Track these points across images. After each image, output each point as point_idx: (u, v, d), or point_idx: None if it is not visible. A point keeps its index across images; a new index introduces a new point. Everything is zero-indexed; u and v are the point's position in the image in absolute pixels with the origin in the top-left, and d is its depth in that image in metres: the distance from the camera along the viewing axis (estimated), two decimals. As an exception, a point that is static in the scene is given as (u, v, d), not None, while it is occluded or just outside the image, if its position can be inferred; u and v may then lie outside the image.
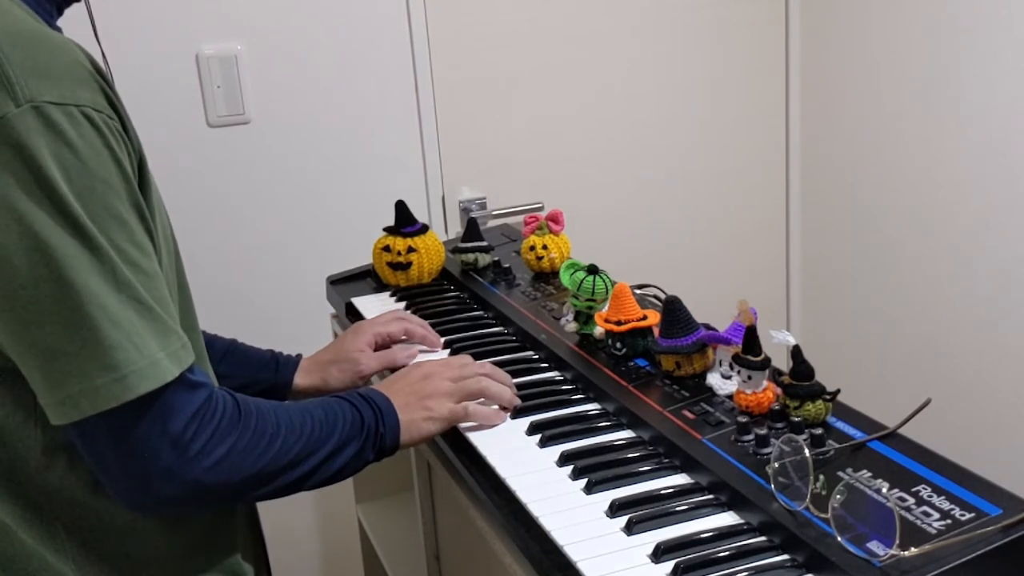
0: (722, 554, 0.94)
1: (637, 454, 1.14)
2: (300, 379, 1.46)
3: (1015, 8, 1.96)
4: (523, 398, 1.30)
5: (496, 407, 1.27)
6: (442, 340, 1.51)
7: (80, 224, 0.87)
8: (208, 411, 0.98)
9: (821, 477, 0.96)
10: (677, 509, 1.02)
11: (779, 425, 1.10)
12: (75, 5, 1.05)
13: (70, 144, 0.87)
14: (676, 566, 0.92)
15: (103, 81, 0.93)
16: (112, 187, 0.90)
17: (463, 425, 1.26)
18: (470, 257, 1.75)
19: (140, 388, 0.90)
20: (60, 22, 1.03)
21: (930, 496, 0.95)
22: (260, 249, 2.13)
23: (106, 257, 0.89)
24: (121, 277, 0.90)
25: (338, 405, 1.15)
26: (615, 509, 1.03)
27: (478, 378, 1.27)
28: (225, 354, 1.42)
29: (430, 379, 1.25)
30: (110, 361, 0.89)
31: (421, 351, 1.49)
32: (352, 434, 1.13)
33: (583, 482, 1.09)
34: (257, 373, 1.43)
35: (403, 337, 1.50)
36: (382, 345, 1.50)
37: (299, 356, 1.49)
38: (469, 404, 1.24)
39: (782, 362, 1.19)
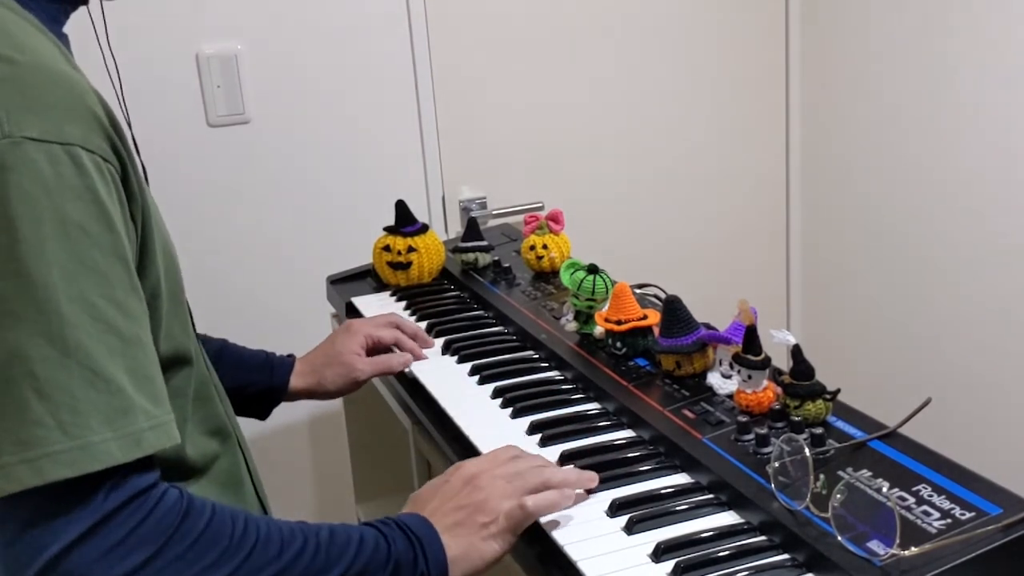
0: (722, 553, 0.94)
1: (637, 453, 1.14)
2: (295, 381, 1.44)
3: (1015, 7, 1.96)
4: (523, 397, 1.30)
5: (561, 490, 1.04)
6: (435, 343, 1.51)
7: (28, 274, 0.77)
8: (138, 506, 0.81)
9: (821, 476, 0.96)
10: (677, 508, 1.02)
11: (779, 424, 1.10)
12: (81, 10, 1.03)
13: (45, 184, 0.78)
14: (676, 565, 0.92)
15: (109, 123, 0.85)
16: (89, 234, 0.80)
17: (465, 427, 1.25)
18: (470, 257, 1.75)
19: (51, 475, 0.76)
20: (67, 28, 1.01)
21: (930, 495, 0.95)
22: (260, 249, 2.12)
23: (56, 316, 0.78)
24: (73, 340, 0.78)
25: (355, 529, 0.94)
26: (615, 508, 1.03)
27: (536, 469, 1.05)
28: (218, 356, 1.38)
29: (476, 482, 1.02)
30: (26, 437, 0.76)
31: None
32: (372, 567, 0.92)
33: (583, 482, 1.09)
34: (251, 376, 1.41)
35: (392, 345, 1.49)
36: (372, 349, 1.48)
37: (292, 357, 1.47)
38: (527, 500, 1.00)
39: (782, 362, 1.19)
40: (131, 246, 0.86)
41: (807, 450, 0.96)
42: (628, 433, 1.20)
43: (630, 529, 0.99)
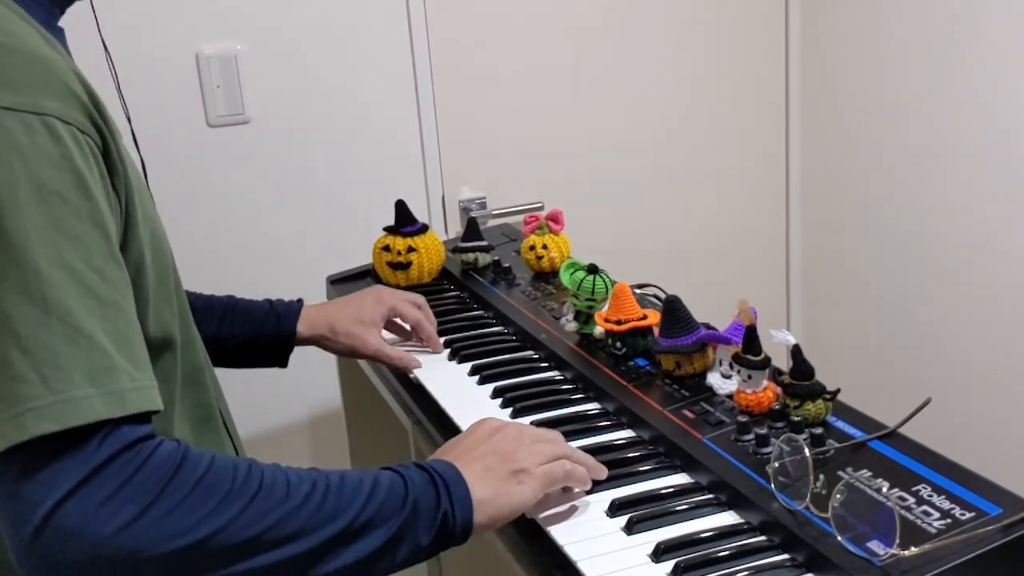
0: (722, 554, 0.94)
1: (637, 454, 1.14)
2: (305, 329, 1.44)
3: (1015, 6, 1.96)
4: (523, 397, 1.30)
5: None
6: (444, 349, 1.51)
7: (6, 235, 0.78)
8: (129, 458, 0.80)
9: (821, 476, 0.96)
10: (677, 509, 1.02)
11: (779, 424, 1.10)
12: (78, 5, 1.03)
13: (20, 151, 0.79)
14: (676, 566, 0.92)
15: (91, 103, 0.86)
16: (67, 201, 0.81)
17: (465, 427, 1.25)
18: (470, 257, 1.75)
19: (35, 429, 0.76)
20: (63, 22, 1.01)
21: (930, 495, 0.95)
22: (260, 249, 2.12)
23: (35, 275, 0.78)
24: (53, 299, 0.78)
25: (370, 473, 0.92)
26: (615, 509, 1.03)
27: (560, 439, 1.05)
28: (224, 314, 1.40)
29: (504, 432, 1.01)
30: (8, 393, 0.77)
31: (419, 349, 1.49)
32: (387, 510, 0.89)
33: (583, 481, 1.09)
34: (259, 328, 1.43)
35: (412, 322, 1.49)
36: (390, 322, 1.49)
37: (300, 302, 1.48)
38: (566, 461, 1.01)
39: (782, 362, 1.19)
40: (113, 218, 0.87)
41: (807, 450, 0.96)
42: (628, 433, 1.20)
43: (630, 529, 0.99)
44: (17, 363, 0.77)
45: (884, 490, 0.95)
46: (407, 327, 1.52)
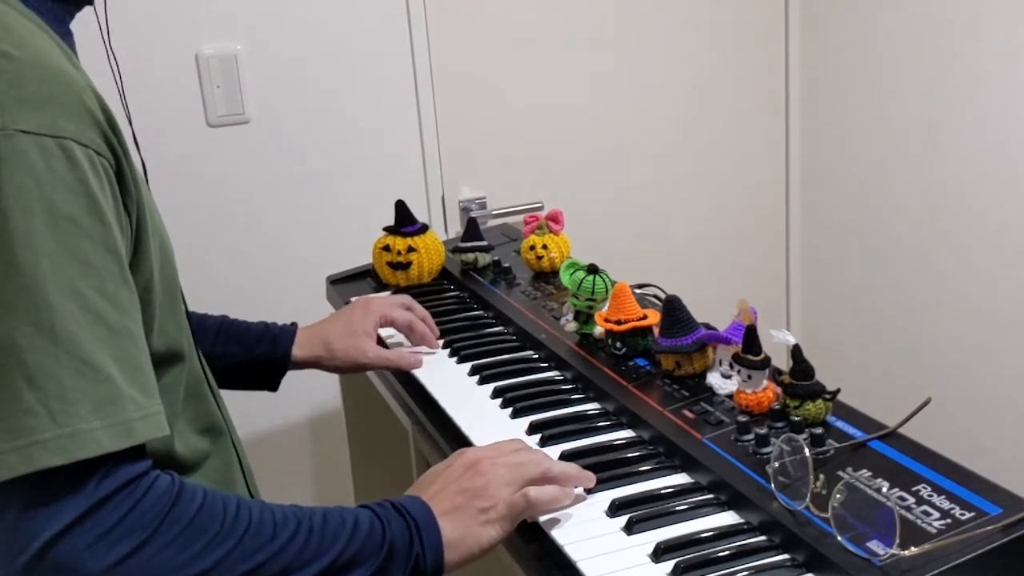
0: (722, 553, 0.94)
1: (637, 454, 1.14)
2: (300, 351, 1.44)
3: (1015, 9, 1.96)
4: (523, 397, 1.30)
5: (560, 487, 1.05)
6: (439, 335, 1.51)
7: (18, 264, 0.78)
8: (128, 493, 0.81)
9: (821, 476, 0.96)
10: (677, 508, 1.02)
11: (779, 424, 1.10)
12: (84, 9, 1.03)
13: (36, 176, 0.79)
14: (676, 566, 0.92)
15: (105, 120, 0.86)
16: (80, 226, 0.81)
17: (465, 427, 1.25)
18: (470, 257, 1.75)
19: (41, 462, 0.77)
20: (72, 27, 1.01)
21: (930, 495, 0.95)
22: (260, 249, 2.12)
23: (45, 305, 0.78)
24: (62, 329, 0.78)
25: (350, 512, 0.95)
26: (615, 509, 1.03)
27: (537, 460, 1.05)
28: (218, 332, 1.39)
29: (477, 468, 1.02)
30: (16, 425, 0.77)
31: (416, 349, 1.49)
32: (366, 551, 0.92)
33: (583, 481, 1.09)
34: (253, 348, 1.42)
35: (404, 327, 1.49)
36: (384, 326, 1.49)
37: (294, 325, 1.47)
38: (530, 490, 1.01)
39: (782, 362, 1.19)
40: (124, 240, 0.87)
41: (807, 450, 0.96)
42: (628, 433, 1.20)
43: (630, 529, 0.99)
44: (25, 395, 0.77)
45: (884, 490, 0.95)
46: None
